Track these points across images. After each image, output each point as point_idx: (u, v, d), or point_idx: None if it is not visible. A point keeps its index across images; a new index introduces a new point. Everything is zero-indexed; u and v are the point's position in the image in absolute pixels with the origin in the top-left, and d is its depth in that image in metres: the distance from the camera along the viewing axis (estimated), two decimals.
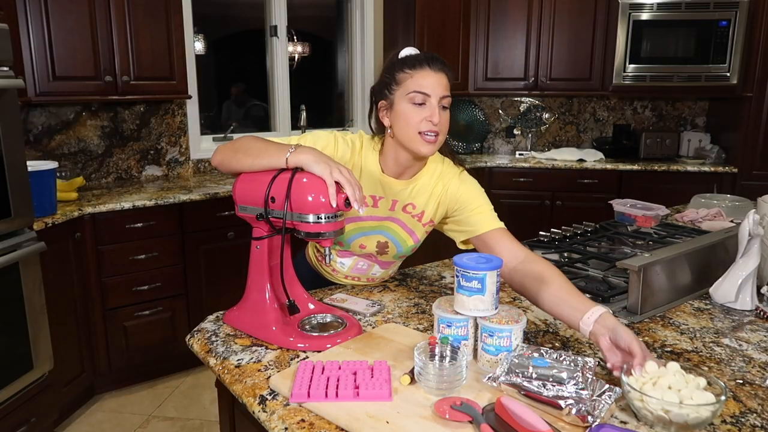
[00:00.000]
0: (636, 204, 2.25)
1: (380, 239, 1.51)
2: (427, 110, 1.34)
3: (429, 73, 1.34)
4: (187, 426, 2.64)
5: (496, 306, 1.12)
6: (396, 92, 1.37)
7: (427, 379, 1.00)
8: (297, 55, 4.26)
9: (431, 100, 1.34)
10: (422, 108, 1.34)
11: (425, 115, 1.34)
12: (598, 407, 0.91)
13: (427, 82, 1.34)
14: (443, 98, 1.35)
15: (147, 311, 2.86)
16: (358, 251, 1.54)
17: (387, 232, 1.51)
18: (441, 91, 1.34)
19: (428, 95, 1.33)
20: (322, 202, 1.18)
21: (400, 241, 1.52)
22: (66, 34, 2.73)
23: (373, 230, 1.50)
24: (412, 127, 1.34)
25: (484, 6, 4.17)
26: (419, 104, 1.34)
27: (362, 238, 1.50)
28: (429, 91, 1.33)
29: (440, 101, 1.34)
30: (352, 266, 1.59)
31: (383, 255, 1.55)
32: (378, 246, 1.52)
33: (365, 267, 1.59)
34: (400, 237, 1.52)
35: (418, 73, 1.34)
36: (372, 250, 1.53)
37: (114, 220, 2.71)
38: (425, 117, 1.34)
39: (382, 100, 1.41)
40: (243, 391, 1.06)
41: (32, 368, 2.26)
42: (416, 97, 1.34)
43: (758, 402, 1.02)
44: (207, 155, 3.63)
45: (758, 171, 3.75)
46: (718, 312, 1.45)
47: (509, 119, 4.59)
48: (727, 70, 3.77)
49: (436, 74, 1.35)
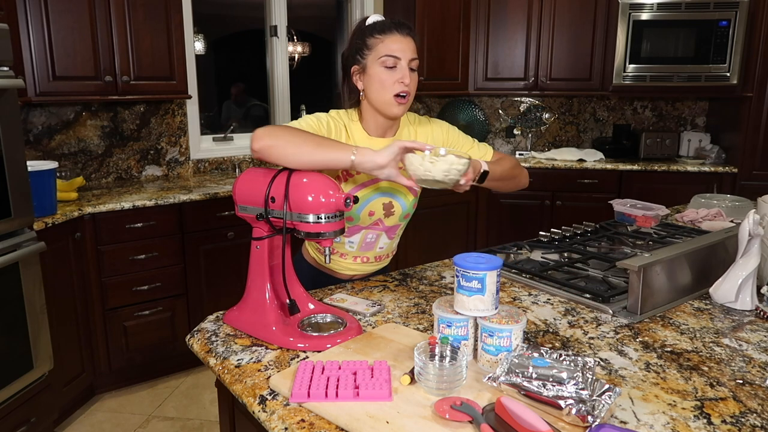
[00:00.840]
0: (636, 204, 2.25)
1: (384, 201, 1.57)
2: (398, 72, 1.44)
3: (398, 38, 1.44)
4: (187, 426, 2.64)
5: (496, 306, 1.12)
6: (368, 57, 1.46)
7: (427, 379, 1.00)
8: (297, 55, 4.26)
9: (401, 63, 1.44)
10: (394, 71, 1.44)
11: (397, 77, 1.44)
12: (598, 407, 0.91)
13: (397, 46, 1.43)
14: (412, 60, 1.45)
15: (147, 311, 2.86)
16: (367, 220, 1.57)
17: (389, 192, 1.57)
18: (410, 54, 1.45)
19: (399, 58, 1.44)
20: (322, 202, 1.18)
21: (403, 198, 1.59)
22: (66, 34, 2.73)
23: (376, 193, 1.56)
24: (387, 90, 1.44)
25: (484, 6, 4.17)
26: (391, 67, 1.44)
27: (369, 204, 1.55)
28: (400, 55, 1.43)
29: (409, 63, 1.45)
30: (360, 243, 1.62)
31: (390, 217, 1.60)
32: (384, 208, 1.57)
33: (374, 239, 1.63)
34: (401, 194, 1.59)
35: (388, 37, 1.44)
36: (380, 215, 1.58)
37: (114, 220, 2.71)
38: (397, 79, 1.43)
39: (355, 65, 1.50)
40: (243, 391, 1.06)
41: (32, 368, 2.26)
42: (388, 60, 1.43)
43: (758, 402, 1.02)
44: (207, 155, 3.63)
45: (758, 171, 3.76)
46: (718, 312, 1.45)
47: (509, 119, 4.59)
48: (727, 70, 3.77)
49: (405, 38, 1.45)
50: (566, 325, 1.35)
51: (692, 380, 1.09)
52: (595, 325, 1.35)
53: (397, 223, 1.64)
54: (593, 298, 1.47)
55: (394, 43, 1.43)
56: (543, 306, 1.46)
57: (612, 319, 1.38)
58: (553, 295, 1.53)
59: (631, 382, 1.08)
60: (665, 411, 0.98)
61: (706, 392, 1.05)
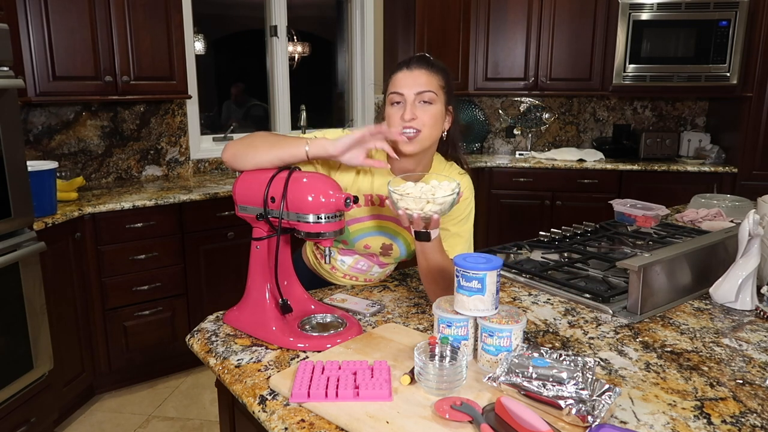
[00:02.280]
0: (636, 204, 2.25)
1: (385, 241, 1.52)
2: (401, 108, 1.38)
3: (405, 74, 1.39)
4: (187, 426, 2.64)
5: (496, 306, 1.12)
6: (386, 96, 1.44)
7: (427, 379, 1.00)
8: (297, 55, 4.26)
9: (404, 98, 1.38)
10: (398, 107, 1.39)
11: (401, 113, 1.38)
12: (598, 407, 0.91)
13: (401, 82, 1.39)
14: (421, 93, 1.37)
15: (147, 311, 2.86)
16: (362, 251, 1.54)
17: (392, 234, 1.51)
18: (417, 87, 1.37)
19: (402, 94, 1.38)
20: (322, 202, 1.18)
21: (405, 244, 1.53)
22: (66, 34, 2.73)
23: (379, 231, 1.50)
24: (393, 127, 1.38)
25: (484, 6, 4.17)
26: (396, 103, 1.39)
27: (368, 238, 1.51)
28: (403, 90, 1.38)
29: (418, 96, 1.37)
30: (352, 265, 1.59)
31: (386, 257, 1.55)
32: (383, 248, 1.53)
33: (365, 267, 1.59)
34: (405, 240, 1.53)
35: (397, 75, 1.40)
36: (376, 251, 1.53)
37: (114, 220, 2.71)
38: (400, 115, 1.38)
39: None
40: (243, 391, 1.06)
41: (32, 368, 2.26)
42: (394, 97, 1.39)
43: (758, 402, 1.02)
44: (207, 155, 3.63)
45: (758, 171, 3.76)
46: (718, 312, 1.45)
47: (509, 119, 4.59)
48: (727, 70, 3.77)
49: (412, 72, 1.39)
50: (566, 325, 1.35)
51: (692, 380, 1.09)
52: (595, 325, 1.35)
53: (392, 262, 1.61)
54: (593, 298, 1.47)
55: (399, 79, 1.39)
56: (543, 306, 1.46)
57: (612, 319, 1.38)
58: (553, 295, 1.53)
59: (631, 382, 1.08)
60: (665, 411, 0.98)
61: (706, 392, 1.05)
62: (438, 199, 1.19)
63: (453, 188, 1.21)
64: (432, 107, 1.39)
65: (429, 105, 1.38)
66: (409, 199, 1.19)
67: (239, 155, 1.30)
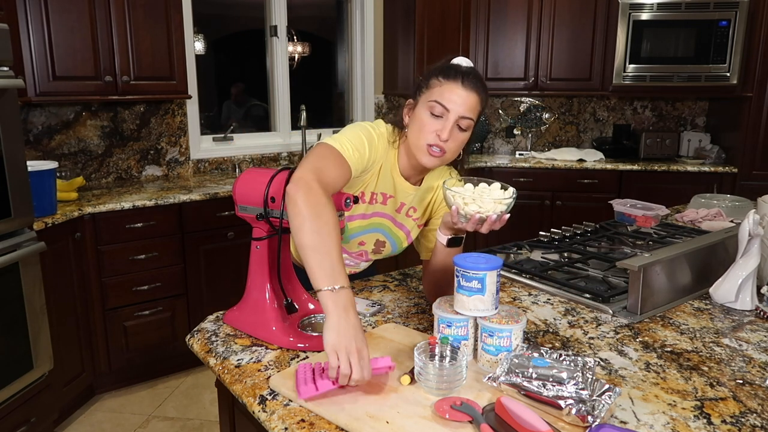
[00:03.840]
0: (636, 204, 2.25)
1: (379, 238, 1.52)
2: (440, 124, 1.29)
3: (458, 89, 1.29)
4: (187, 426, 2.64)
5: (496, 306, 1.12)
6: (422, 96, 1.33)
7: (427, 379, 1.00)
8: (297, 55, 4.26)
9: (449, 116, 1.28)
10: (437, 120, 1.30)
11: (437, 127, 1.29)
12: (598, 407, 0.91)
13: (451, 96, 1.28)
14: (462, 119, 1.29)
15: (147, 311, 2.86)
16: (355, 249, 1.54)
17: (387, 232, 1.52)
18: (462, 110, 1.28)
19: (447, 110, 1.28)
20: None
21: (397, 242, 1.54)
22: (66, 34, 2.73)
23: (375, 228, 1.51)
24: (423, 136, 1.30)
25: (484, 6, 4.17)
26: (437, 116, 1.30)
27: (364, 235, 1.51)
28: (450, 106, 1.28)
29: (458, 120, 1.29)
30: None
31: (377, 254, 1.57)
32: (375, 244, 1.53)
33: (352, 264, 1.61)
34: (398, 238, 1.53)
35: (448, 84, 1.29)
36: (369, 248, 1.54)
37: (114, 220, 2.71)
38: (436, 130, 1.29)
39: (411, 99, 1.39)
40: (243, 391, 1.06)
41: (32, 368, 2.26)
42: (435, 107, 1.29)
43: (758, 402, 1.02)
44: (207, 155, 3.63)
45: (758, 171, 3.76)
46: (718, 312, 1.45)
47: (509, 119, 4.59)
48: (727, 70, 3.77)
49: (465, 91, 1.29)
50: (566, 325, 1.35)
51: (692, 380, 1.09)
52: (595, 325, 1.35)
53: (380, 258, 1.61)
54: (593, 298, 1.47)
55: (450, 92, 1.28)
56: (543, 306, 1.46)
57: (612, 319, 1.38)
58: (553, 295, 1.53)
59: (631, 382, 1.08)
60: (665, 411, 0.98)
61: (706, 392, 1.05)
62: (506, 200, 1.22)
63: (511, 193, 1.26)
64: (464, 135, 1.33)
65: (463, 132, 1.32)
66: (486, 201, 1.20)
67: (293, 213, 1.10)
